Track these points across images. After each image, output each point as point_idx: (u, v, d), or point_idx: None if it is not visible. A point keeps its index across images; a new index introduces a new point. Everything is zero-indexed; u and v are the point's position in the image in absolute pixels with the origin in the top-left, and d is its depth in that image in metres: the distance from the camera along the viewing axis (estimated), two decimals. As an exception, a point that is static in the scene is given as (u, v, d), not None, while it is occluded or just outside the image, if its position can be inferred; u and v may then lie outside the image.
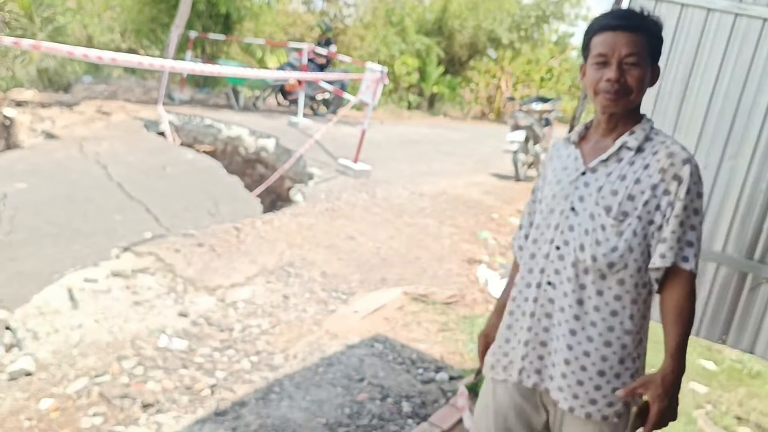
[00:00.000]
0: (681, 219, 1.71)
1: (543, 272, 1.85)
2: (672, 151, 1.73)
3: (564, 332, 1.80)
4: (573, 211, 1.80)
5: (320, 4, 18.40)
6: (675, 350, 1.71)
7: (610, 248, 1.74)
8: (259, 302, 4.38)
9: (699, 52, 3.06)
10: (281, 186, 8.30)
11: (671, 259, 1.71)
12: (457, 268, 5.66)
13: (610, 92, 1.73)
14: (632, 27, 1.73)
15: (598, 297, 1.76)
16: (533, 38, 20.20)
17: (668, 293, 1.75)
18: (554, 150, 1.99)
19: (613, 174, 1.77)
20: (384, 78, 8.19)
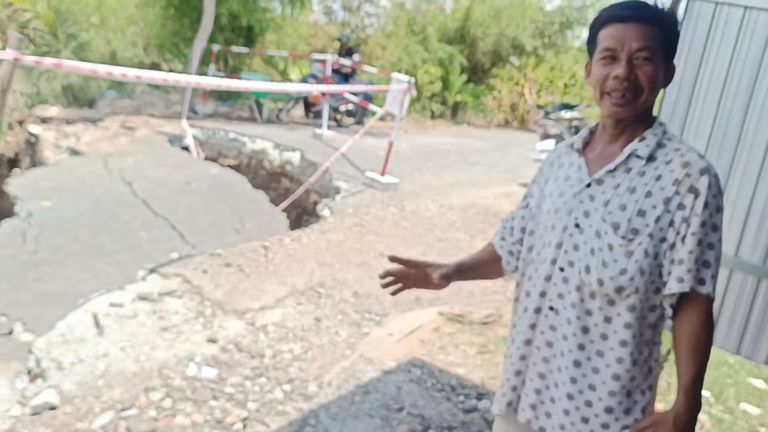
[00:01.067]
0: (699, 237, 1.50)
1: (544, 296, 1.64)
2: (687, 159, 1.52)
3: (567, 363, 1.60)
4: (578, 228, 1.59)
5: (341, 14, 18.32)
6: (690, 386, 1.52)
7: (619, 271, 1.53)
8: (290, 325, 4.20)
9: (764, 59, 2.83)
10: (307, 200, 8.15)
11: (689, 284, 1.51)
12: (492, 285, 5.43)
13: (618, 91, 1.52)
14: (644, 18, 1.52)
15: (606, 324, 1.56)
16: (556, 44, 19.96)
17: (683, 320, 1.55)
18: (554, 156, 1.78)
19: (622, 186, 1.56)
20: (411, 89, 8.01)
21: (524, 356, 1.71)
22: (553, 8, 19.71)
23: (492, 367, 4.09)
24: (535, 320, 1.68)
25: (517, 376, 1.72)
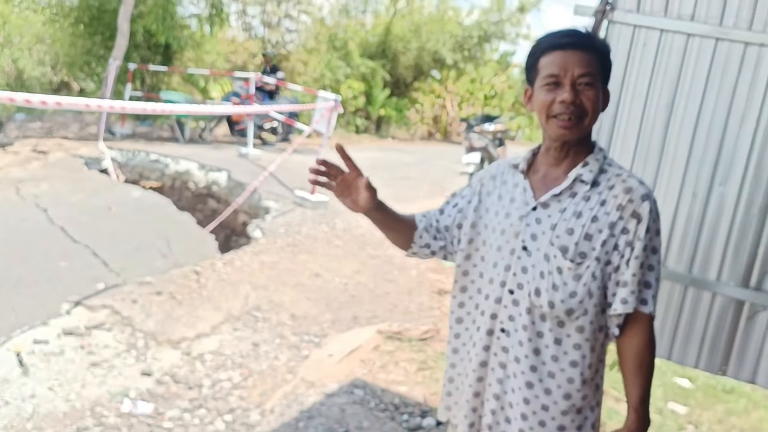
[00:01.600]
0: (641, 260, 1.58)
1: (495, 318, 1.68)
2: (630, 185, 1.59)
3: (520, 384, 1.64)
4: (525, 251, 1.63)
5: (261, 30, 18.16)
6: (639, 403, 1.62)
7: (569, 294, 1.58)
8: (227, 352, 4.10)
9: (681, 78, 2.99)
10: (236, 220, 8.00)
11: (633, 305, 1.59)
12: (428, 300, 5.48)
13: (565, 115, 1.57)
14: (584, 46, 1.59)
15: (557, 346, 1.61)
16: (476, 57, 20.45)
17: (627, 340, 1.63)
18: (498, 171, 1.80)
19: (568, 210, 1.61)
20: (338, 107, 8.01)
21: (481, 378, 1.73)
22: (471, 23, 20.19)
23: (433, 383, 4.11)
24: (489, 342, 1.70)
25: (476, 397, 1.75)
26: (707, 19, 2.92)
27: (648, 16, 3.03)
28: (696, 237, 3.00)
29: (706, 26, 2.92)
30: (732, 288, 2.95)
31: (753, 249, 2.91)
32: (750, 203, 2.89)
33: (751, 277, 2.93)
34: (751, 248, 2.91)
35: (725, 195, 2.93)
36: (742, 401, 5.11)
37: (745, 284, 2.94)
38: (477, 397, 1.74)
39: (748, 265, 2.93)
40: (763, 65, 2.84)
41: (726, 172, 2.92)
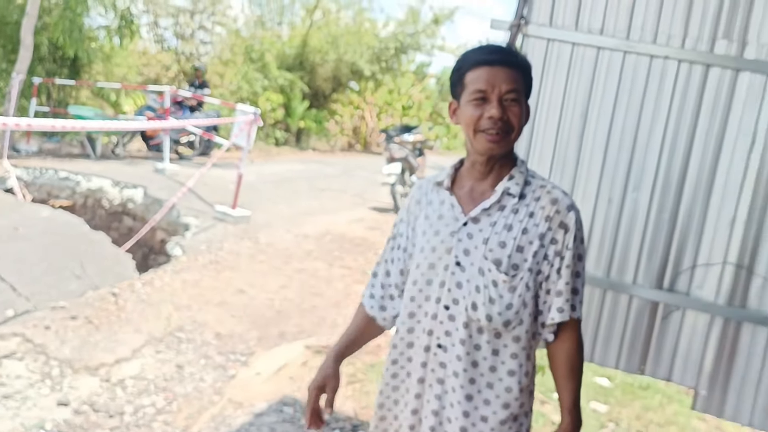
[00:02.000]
0: (572, 269, 1.65)
1: (431, 334, 1.69)
2: (555, 197, 1.65)
3: (459, 398, 1.66)
4: (459, 266, 1.65)
5: (174, 42, 17.75)
6: (572, 406, 1.68)
7: (505, 306, 1.62)
8: (150, 377, 3.96)
9: (593, 89, 3.11)
10: (153, 238, 7.76)
11: (568, 313, 1.66)
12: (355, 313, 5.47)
13: (492, 130, 1.60)
14: (509, 62, 1.63)
15: (494, 357, 1.65)
16: (393, 69, 20.68)
17: (559, 345, 1.69)
18: (420, 194, 1.82)
19: (498, 224, 1.64)
20: (258, 120, 7.92)
21: (419, 395, 1.73)
22: (387, 34, 20.41)
23: (363, 396, 4.10)
24: (426, 359, 1.70)
25: (414, 415, 1.74)
26: (615, 32, 3.05)
27: (560, 30, 3.13)
28: (612, 242, 3.12)
29: (614, 40, 3.05)
30: (647, 290, 3.08)
31: (665, 252, 3.05)
32: (661, 208, 3.03)
33: (664, 278, 3.07)
34: (663, 251, 3.05)
35: (638, 200, 3.06)
36: (658, 397, 5.34)
37: (659, 286, 3.07)
38: (415, 414, 1.74)
39: (661, 268, 3.07)
40: (667, 77, 2.98)
41: (638, 179, 3.05)
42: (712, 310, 3.00)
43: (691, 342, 3.06)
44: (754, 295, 2.95)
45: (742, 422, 3.04)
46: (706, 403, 3.07)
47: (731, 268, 2.96)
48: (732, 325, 2.98)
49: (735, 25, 2.87)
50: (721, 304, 2.98)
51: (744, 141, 2.89)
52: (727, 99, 2.91)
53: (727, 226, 2.95)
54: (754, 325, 2.95)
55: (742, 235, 2.92)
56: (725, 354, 3.01)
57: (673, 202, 3.02)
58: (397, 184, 9.84)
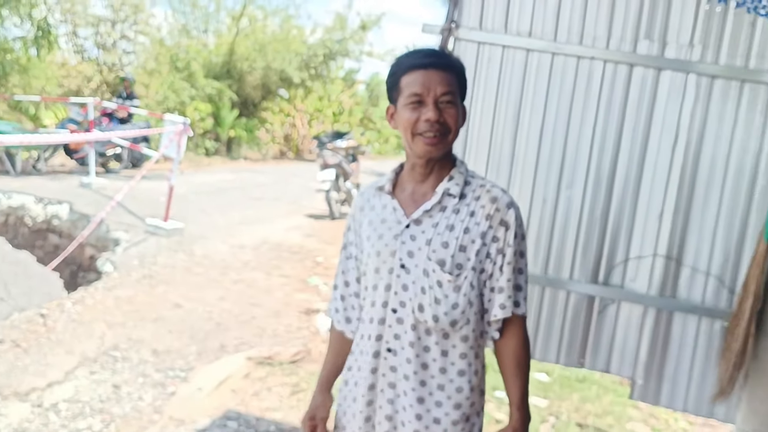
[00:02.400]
0: (513, 266, 1.67)
1: (380, 339, 1.69)
2: (495, 195, 1.68)
3: (411, 402, 1.66)
4: (404, 269, 1.66)
5: (95, 52, 17.19)
6: (520, 401, 1.70)
7: (451, 305, 1.63)
8: (85, 399, 3.81)
9: (524, 91, 3.18)
10: (82, 255, 7.49)
11: (511, 309, 1.68)
12: (296, 321, 5.42)
13: (430, 132, 1.62)
14: (444, 65, 1.65)
15: (444, 358, 1.66)
16: (322, 75, 20.64)
17: (505, 342, 1.71)
18: (363, 200, 1.83)
19: (441, 225, 1.65)
20: (187, 129, 7.75)
21: (371, 401, 1.72)
22: (315, 41, 20.35)
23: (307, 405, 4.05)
24: (376, 364, 1.70)
25: (367, 422, 1.73)
26: (543, 35, 3.13)
27: (490, 33, 3.19)
28: (549, 240, 3.19)
29: (542, 42, 3.12)
30: (583, 285, 3.16)
31: (599, 247, 3.14)
32: (593, 205, 3.12)
33: (599, 273, 3.16)
34: (597, 247, 3.14)
35: (572, 198, 3.14)
36: (594, 388, 5.50)
37: (595, 280, 3.16)
38: (368, 421, 1.73)
39: (596, 263, 3.16)
40: (594, 77, 3.08)
41: (571, 177, 3.13)
42: (645, 301, 3.10)
43: (626, 333, 3.15)
44: (683, 285, 3.07)
45: (677, 408, 3.16)
46: (642, 391, 3.18)
47: (661, 259, 3.07)
48: (664, 315, 3.09)
49: (655, 26, 2.98)
50: (654, 295, 3.09)
51: (668, 137, 3.01)
52: (651, 97, 3.02)
53: (656, 220, 3.07)
54: (685, 314, 3.07)
55: (671, 228, 3.04)
56: (659, 343, 3.12)
57: (604, 198, 3.12)
58: (332, 190, 9.82)
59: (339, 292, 1.88)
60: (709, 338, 3.06)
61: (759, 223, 2.92)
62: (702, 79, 2.96)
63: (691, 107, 2.98)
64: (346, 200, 10.44)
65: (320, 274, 6.91)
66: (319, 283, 6.59)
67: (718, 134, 2.97)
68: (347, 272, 1.86)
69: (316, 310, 5.74)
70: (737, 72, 2.91)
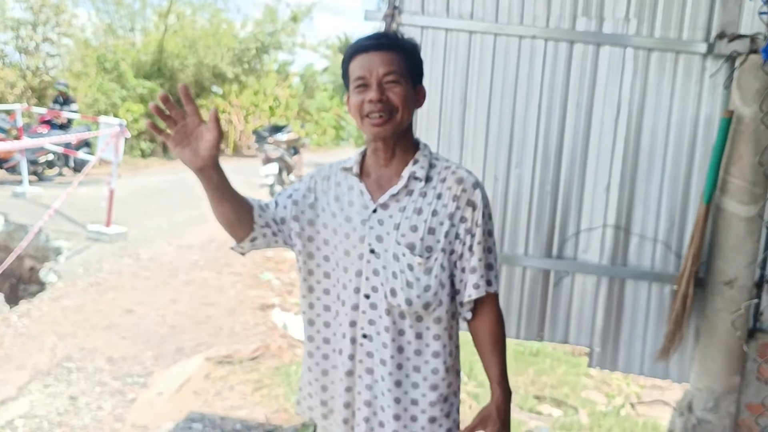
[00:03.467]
0: (483, 245, 1.68)
1: (354, 325, 1.69)
2: (460, 176, 1.69)
3: (389, 386, 1.67)
4: (373, 254, 1.65)
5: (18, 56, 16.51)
6: (501, 377, 1.69)
7: (423, 288, 1.64)
8: (41, 413, 3.69)
9: (469, 72, 3.22)
10: (21, 267, 7.22)
11: (484, 288, 1.68)
12: (252, 318, 5.37)
13: (374, 113, 1.62)
14: (385, 46, 1.65)
15: (418, 341, 1.67)
16: (256, 69, 20.37)
17: (480, 320, 1.72)
18: (330, 173, 1.79)
19: (408, 209, 1.66)
20: (124, 131, 7.55)
21: (349, 388, 1.72)
22: (246, 35, 20.06)
23: (272, 401, 4.04)
24: (352, 351, 1.69)
25: (347, 408, 1.73)
26: (485, 16, 3.17)
27: (433, 17, 3.21)
28: (502, 217, 3.25)
29: (484, 23, 3.17)
30: (538, 260, 3.23)
31: (551, 222, 3.22)
32: (543, 181, 3.20)
33: (552, 247, 3.24)
34: (549, 221, 3.22)
35: (522, 176, 3.21)
36: (548, 361, 5.66)
37: (548, 254, 3.24)
38: (348, 408, 1.73)
39: (549, 237, 3.23)
40: (536, 55, 3.14)
41: (520, 155, 3.20)
42: (597, 271, 3.20)
43: (582, 304, 3.25)
44: (632, 253, 3.18)
45: (634, 372, 3.27)
46: (600, 359, 3.28)
47: (611, 230, 3.17)
48: (617, 283, 3.20)
49: (592, 3, 3.06)
50: (605, 265, 3.19)
51: (610, 110, 3.10)
52: (592, 72, 3.11)
53: (604, 192, 3.16)
54: (635, 281, 3.18)
55: (618, 198, 3.14)
56: (613, 311, 3.22)
57: (553, 173, 3.19)
58: (276, 184, 9.75)
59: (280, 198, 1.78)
60: (660, 302, 3.18)
61: (700, 187, 3.04)
62: (639, 52, 3.05)
63: (630, 80, 3.08)
64: (291, 193, 10.37)
65: (271, 269, 6.86)
66: (272, 278, 6.54)
67: (657, 105, 3.08)
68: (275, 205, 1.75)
69: (271, 305, 5.70)
70: (672, 44, 3.02)
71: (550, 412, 4.63)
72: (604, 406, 4.86)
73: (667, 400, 4.88)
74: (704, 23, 3.01)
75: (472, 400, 4.48)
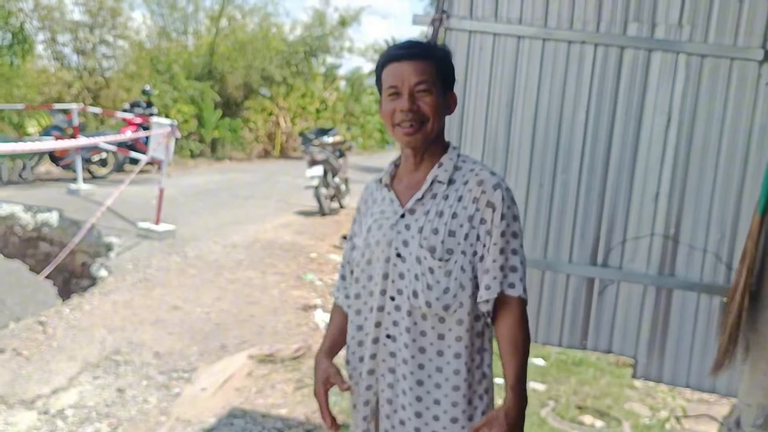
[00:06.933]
0: (500, 246, 1.67)
1: (379, 326, 1.73)
2: (482, 178, 1.69)
3: (411, 385, 1.70)
4: (400, 258, 1.69)
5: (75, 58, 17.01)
6: (515, 383, 1.66)
7: (443, 290, 1.66)
8: (90, 404, 3.80)
9: (516, 77, 3.21)
10: (74, 262, 7.43)
11: (497, 289, 1.66)
12: (294, 318, 5.43)
13: (406, 122, 1.66)
14: (417, 55, 1.68)
15: (440, 341, 1.69)
16: (304, 72, 20.56)
17: (500, 323, 1.70)
18: (367, 194, 1.89)
19: (431, 212, 1.69)
20: (175, 131, 7.72)
21: (370, 386, 1.76)
22: (295, 38, 20.29)
23: (312, 400, 4.06)
24: (375, 350, 1.74)
25: (366, 406, 1.78)
26: (533, 21, 3.16)
27: (481, 22, 3.22)
28: (547, 224, 3.23)
29: (533, 28, 3.16)
30: (583, 267, 3.20)
31: (596, 230, 3.19)
32: (589, 188, 3.17)
33: (597, 255, 3.20)
34: (595, 229, 3.19)
35: (568, 182, 3.18)
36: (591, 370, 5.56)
37: (594, 262, 3.20)
38: (367, 405, 1.78)
39: (594, 245, 3.20)
40: (586, 60, 3.12)
41: (566, 161, 3.17)
42: (644, 280, 3.15)
43: (627, 313, 3.20)
44: (681, 263, 3.12)
45: (680, 384, 3.21)
46: (645, 370, 3.23)
47: (659, 239, 3.12)
48: (664, 293, 3.15)
49: (644, 8, 3.03)
50: (652, 274, 3.14)
51: (661, 118, 3.06)
52: (643, 78, 3.07)
53: (652, 200, 3.11)
54: (684, 292, 3.12)
55: (667, 207, 3.09)
56: (660, 321, 3.17)
57: (600, 181, 3.16)
58: (321, 186, 9.81)
59: (347, 281, 1.92)
60: (708, 314, 3.11)
61: (753, 198, 2.97)
62: (692, 58, 3.00)
63: (682, 87, 3.03)
64: (336, 196, 10.44)
65: (315, 270, 6.92)
66: (314, 279, 6.60)
67: (709, 113, 3.02)
68: (352, 263, 1.88)
69: (314, 306, 5.75)
70: (726, 50, 2.96)
71: (593, 423, 4.56)
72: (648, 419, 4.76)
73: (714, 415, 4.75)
74: (761, 29, 2.94)
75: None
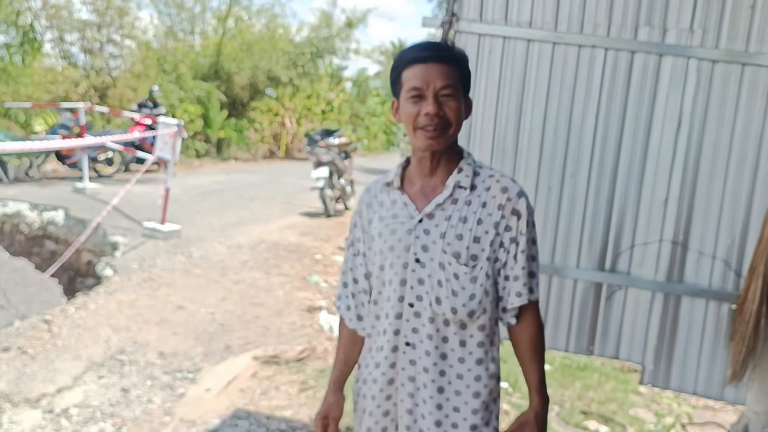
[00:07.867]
0: (527, 254, 1.69)
1: (398, 334, 1.69)
2: (505, 185, 1.69)
3: (432, 393, 1.67)
4: (419, 263, 1.66)
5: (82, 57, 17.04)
6: (539, 385, 1.72)
7: (468, 297, 1.64)
8: (95, 403, 3.80)
9: (526, 81, 3.19)
10: (79, 261, 7.44)
11: (527, 296, 1.69)
12: (299, 319, 5.42)
13: (430, 126, 1.62)
14: (444, 58, 1.65)
15: (462, 348, 1.67)
16: (310, 73, 20.59)
17: (521, 328, 1.73)
18: (370, 197, 1.83)
19: (453, 217, 1.66)
20: (182, 131, 7.73)
21: (390, 396, 1.73)
22: (301, 39, 20.31)
23: (317, 402, 4.06)
24: (394, 359, 1.71)
25: (386, 416, 1.74)
26: (543, 25, 3.15)
27: (491, 25, 3.20)
28: (555, 228, 3.22)
29: (543, 32, 3.14)
30: (590, 272, 3.19)
31: (604, 235, 3.17)
32: (598, 193, 3.15)
33: (605, 260, 3.19)
34: (603, 234, 3.17)
35: (576, 186, 3.17)
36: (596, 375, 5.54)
37: (601, 267, 3.19)
38: (387, 416, 1.74)
39: (602, 250, 3.18)
40: (596, 65, 3.10)
41: (575, 165, 3.16)
42: (652, 286, 3.13)
43: (635, 319, 3.19)
44: (689, 269, 3.10)
45: (688, 391, 3.19)
46: (652, 376, 3.21)
47: (667, 245, 3.10)
48: (672, 299, 3.13)
49: (655, 12, 3.01)
50: (661, 280, 3.12)
51: (671, 123, 3.04)
52: (653, 83, 3.05)
53: (661, 206, 3.09)
54: (692, 298, 3.10)
55: (676, 213, 3.07)
56: (667, 328, 3.15)
57: (608, 185, 3.14)
58: (326, 188, 9.81)
59: (349, 289, 1.87)
60: (717, 321, 3.09)
61: (763, 205, 2.95)
62: (703, 64, 2.99)
63: (692, 93, 3.01)
64: (341, 197, 10.43)
65: (320, 272, 6.91)
66: (319, 281, 6.59)
67: (720, 119, 3.00)
68: (355, 269, 1.85)
69: (319, 308, 5.74)
70: (737, 56, 2.94)
71: (597, 428, 4.53)
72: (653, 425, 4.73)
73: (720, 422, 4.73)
74: (773, 35, 2.92)
75: (517, 411, 4.42)
